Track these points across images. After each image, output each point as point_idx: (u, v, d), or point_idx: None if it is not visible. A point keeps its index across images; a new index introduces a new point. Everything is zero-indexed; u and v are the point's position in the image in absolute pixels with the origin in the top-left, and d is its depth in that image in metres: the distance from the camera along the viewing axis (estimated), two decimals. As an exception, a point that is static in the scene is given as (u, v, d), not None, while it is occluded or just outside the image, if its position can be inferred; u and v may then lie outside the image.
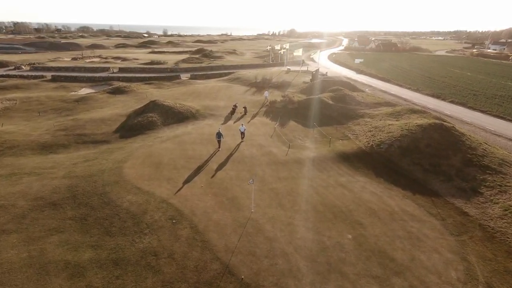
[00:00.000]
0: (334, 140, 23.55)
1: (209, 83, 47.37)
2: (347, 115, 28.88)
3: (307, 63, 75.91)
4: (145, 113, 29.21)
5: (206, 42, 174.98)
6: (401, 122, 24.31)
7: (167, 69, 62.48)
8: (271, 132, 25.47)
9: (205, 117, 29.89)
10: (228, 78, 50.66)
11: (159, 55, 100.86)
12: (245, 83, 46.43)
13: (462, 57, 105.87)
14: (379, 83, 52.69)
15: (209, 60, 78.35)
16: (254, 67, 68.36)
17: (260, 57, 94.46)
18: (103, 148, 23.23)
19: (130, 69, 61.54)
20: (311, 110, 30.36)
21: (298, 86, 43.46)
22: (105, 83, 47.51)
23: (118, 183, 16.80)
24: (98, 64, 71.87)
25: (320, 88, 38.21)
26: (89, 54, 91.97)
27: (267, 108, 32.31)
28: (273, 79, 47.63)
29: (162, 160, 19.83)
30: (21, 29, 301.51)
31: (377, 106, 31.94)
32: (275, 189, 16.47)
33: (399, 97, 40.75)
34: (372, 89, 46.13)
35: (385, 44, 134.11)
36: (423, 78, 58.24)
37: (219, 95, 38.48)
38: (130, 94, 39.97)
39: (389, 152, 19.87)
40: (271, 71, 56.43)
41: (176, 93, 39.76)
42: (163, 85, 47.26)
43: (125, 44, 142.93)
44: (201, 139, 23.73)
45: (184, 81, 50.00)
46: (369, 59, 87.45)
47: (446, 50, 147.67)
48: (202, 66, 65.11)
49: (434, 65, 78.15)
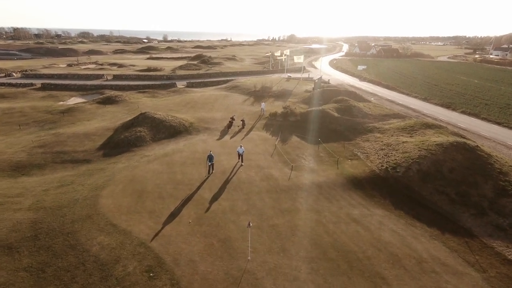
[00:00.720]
0: (342, 160, 20.98)
1: (206, 92, 44.99)
2: (355, 129, 26.35)
3: (308, 70, 73.76)
4: (134, 127, 26.70)
5: (205, 48, 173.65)
6: (416, 139, 21.77)
7: (163, 76, 60.22)
8: (272, 150, 22.92)
9: (199, 131, 27.37)
10: (226, 86, 48.31)
11: (157, 61, 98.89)
12: (244, 91, 44.04)
13: (465, 63, 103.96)
14: (384, 91, 50.32)
15: (207, 66, 76.22)
16: (253, 74, 66.12)
17: (260, 63, 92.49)
18: (83, 169, 20.63)
19: (125, 76, 59.27)
20: (314, 124, 27.86)
21: (300, 95, 41.06)
22: (96, 92, 45.11)
23: (91, 218, 14.17)
24: (93, 71, 69.66)
25: (324, 98, 35.78)
26: (85, 60, 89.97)
27: (267, 121, 29.80)
28: (273, 88, 45.27)
29: (146, 187, 17.23)
30: (21, 34, 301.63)
31: (386, 118, 29.46)
32: (276, 227, 13.84)
33: (407, 107, 38.30)
34: (378, 98, 43.73)
35: (386, 50, 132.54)
36: (430, 86, 55.94)
37: (216, 106, 36.03)
38: (121, 104, 37.52)
39: (407, 177, 17.28)
40: (271, 79, 54.12)
41: (170, 103, 37.31)
42: (158, 94, 44.87)
43: (123, 50, 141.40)
44: (193, 158, 21.16)
45: (180, 89, 47.64)
46: (371, 65, 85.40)
47: (448, 56, 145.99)
48: (200, 73, 62.89)
49: (438, 72, 76.02)
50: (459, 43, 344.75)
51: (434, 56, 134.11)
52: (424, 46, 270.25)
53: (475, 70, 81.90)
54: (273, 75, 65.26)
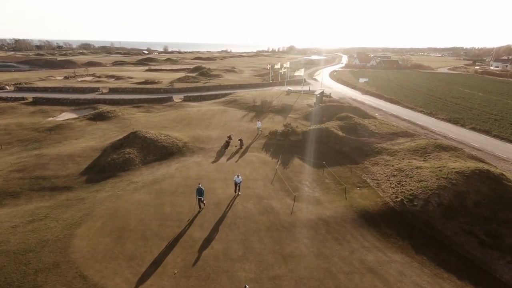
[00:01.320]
0: (351, 188, 18.87)
1: (203, 107, 43.26)
2: (362, 150, 24.35)
3: (308, 82, 72.49)
4: (123, 148, 24.70)
5: (205, 59, 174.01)
6: (431, 164, 19.74)
7: (160, 89, 58.76)
8: (272, 175, 20.84)
9: (193, 152, 25.35)
10: (224, 101, 46.63)
11: (155, 73, 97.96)
12: (243, 106, 42.31)
13: (467, 75, 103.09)
14: (388, 105, 48.64)
15: (206, 79, 74.99)
16: (253, 87, 64.72)
17: (260, 75, 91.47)
18: (61, 198, 18.49)
19: (121, 89, 57.77)
20: (318, 144, 25.89)
21: (301, 110, 39.30)
22: (89, 107, 43.36)
23: (58, 267, 11.97)
24: (89, 83, 68.31)
25: (326, 114, 33.97)
26: (83, 73, 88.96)
27: (267, 140, 27.83)
28: (273, 102, 43.56)
29: (129, 223, 15.07)
30: (22, 46, 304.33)
31: (394, 137, 27.53)
32: (278, 279, 11.62)
33: (414, 124, 36.44)
34: (383, 113, 41.96)
35: (386, 61, 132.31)
36: (434, 99, 54.37)
37: (213, 122, 34.15)
38: (113, 120, 35.65)
39: (427, 212, 15.15)
40: (270, 92, 52.58)
41: (165, 120, 35.44)
42: (153, 108, 43.12)
43: (122, 61, 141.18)
44: (184, 186, 19.06)
45: (176, 104, 45.92)
46: (372, 77, 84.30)
47: (448, 67, 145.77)
48: (198, 86, 61.47)
49: (441, 84, 74.75)
50: (457, 54, 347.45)
51: (434, 68, 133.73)
52: (423, 57, 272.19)
53: (477, 83, 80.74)
54: (272, 88, 63.87)
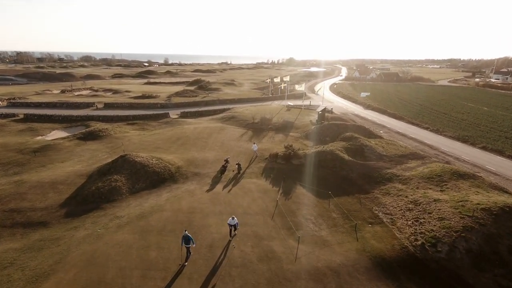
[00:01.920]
0: (362, 225, 16.74)
1: (200, 124, 41.50)
2: (370, 177, 22.32)
3: (309, 96, 71.15)
4: (110, 174, 22.67)
5: (204, 72, 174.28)
6: (450, 196, 17.69)
7: (157, 104, 57.22)
8: (272, 207, 18.75)
9: (186, 178, 23.31)
10: (222, 117, 44.92)
11: (154, 87, 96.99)
12: (241, 123, 40.55)
13: (468, 88, 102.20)
14: (391, 121, 46.93)
15: (205, 93, 73.77)
16: (252, 102, 63.33)
17: (259, 88, 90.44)
18: (34, 238, 16.32)
19: (116, 104, 56.22)
20: (322, 169, 23.89)
21: (303, 128, 37.51)
22: (81, 124, 41.57)
23: None
24: (85, 98, 66.95)
25: (330, 133, 32.13)
26: (80, 86, 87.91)
27: (267, 164, 25.83)
28: (273, 119, 41.82)
29: (106, 274, 12.87)
30: (23, 58, 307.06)
31: (403, 160, 25.58)
32: None
33: (422, 143, 34.55)
34: (387, 130, 40.17)
35: (386, 74, 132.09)
36: (438, 114, 52.76)
37: (209, 142, 32.25)
38: (105, 140, 33.74)
39: (454, 261, 12.99)
40: (270, 108, 50.98)
41: (159, 139, 33.55)
42: (148, 126, 41.33)
43: (121, 74, 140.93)
44: (174, 221, 16.94)
45: (172, 120, 44.19)
46: (374, 91, 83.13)
47: (448, 79, 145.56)
48: (196, 100, 60.00)
49: (443, 98, 73.46)
50: (455, 66, 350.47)
51: (434, 80, 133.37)
52: (422, 69, 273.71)
53: (480, 96, 79.55)
54: (272, 102, 62.41)
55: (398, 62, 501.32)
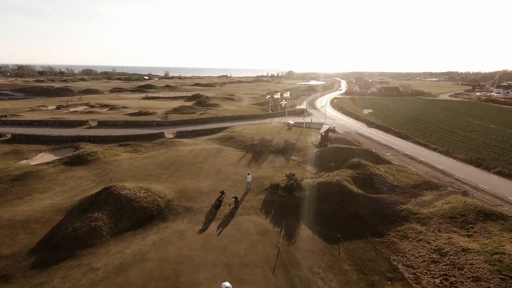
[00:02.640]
0: (380, 283, 14.15)
1: (196, 145, 39.30)
2: (384, 215, 19.84)
3: (310, 113, 69.40)
4: (91, 211, 20.19)
5: (204, 86, 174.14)
6: (481, 244, 15.20)
7: (152, 122, 55.25)
8: (273, 255, 16.19)
9: (177, 215, 20.81)
10: (220, 137, 42.76)
11: (152, 102, 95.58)
12: (240, 145, 38.33)
13: (470, 103, 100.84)
14: (397, 141, 44.76)
15: (203, 109, 72.09)
16: (251, 119, 61.44)
17: (259, 103, 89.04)
18: (-11, 299, 13.73)
19: (111, 122, 54.21)
20: (328, 203, 21.43)
21: (305, 151, 35.26)
22: (71, 145, 39.34)
23: None
24: (80, 115, 65.15)
25: (335, 158, 29.82)
26: (76, 102, 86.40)
27: (267, 196, 23.38)
28: (274, 140, 39.68)
29: None
30: (25, 72, 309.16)
31: (417, 191, 23.18)
32: None
33: (433, 167, 32.19)
34: (395, 153, 37.91)
35: (387, 88, 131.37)
36: (445, 133, 50.66)
37: (205, 168, 29.88)
38: (92, 165, 31.38)
39: None
40: (270, 127, 48.93)
41: (151, 164, 31.21)
42: (141, 147, 39.08)
43: (120, 88, 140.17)
44: (159, 276, 14.36)
45: (167, 141, 41.99)
46: (376, 107, 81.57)
47: (449, 93, 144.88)
48: (194, 118, 58.08)
49: (447, 114, 71.69)
50: (454, 79, 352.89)
51: (435, 94, 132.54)
52: (421, 82, 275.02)
53: (484, 112, 77.87)
54: (272, 120, 60.51)
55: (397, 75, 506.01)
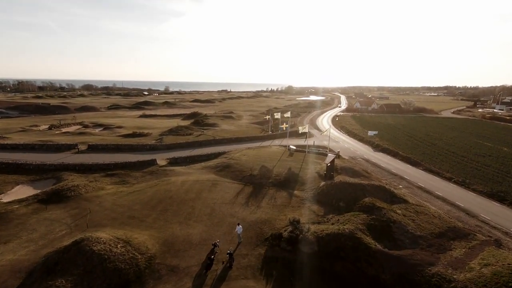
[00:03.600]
0: None
1: (190, 174, 35.98)
2: (410, 281, 16.26)
3: (312, 134, 66.47)
4: (54, 276, 16.61)
5: (203, 102, 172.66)
6: None
7: (146, 146, 52.10)
8: None
9: (159, 279, 17.19)
10: (216, 165, 39.46)
11: (149, 120, 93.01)
12: (238, 175, 34.99)
13: (475, 121, 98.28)
14: (407, 169, 41.50)
15: (200, 129, 69.22)
16: (250, 141, 58.46)
17: (258, 122, 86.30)
18: None
19: (101, 146, 51.07)
20: (341, 262, 17.87)
21: (309, 183, 31.88)
22: (52, 176, 35.99)
23: None
24: (70, 136, 62.18)
25: (344, 197, 26.41)
26: (70, 121, 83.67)
27: (267, 251, 19.81)
28: (274, 169, 36.41)
29: None
30: (25, 87, 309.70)
31: (444, 242, 19.67)
32: None
33: (454, 205, 28.74)
34: (407, 184, 34.56)
35: (388, 105, 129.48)
36: (457, 158, 47.48)
37: (197, 207, 26.42)
38: (71, 203, 27.90)
39: None
40: (270, 153, 45.74)
41: (137, 202, 27.75)
42: (129, 177, 35.72)
43: (118, 105, 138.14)
44: None
45: (159, 170, 38.66)
46: (379, 126, 78.87)
47: (451, 109, 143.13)
48: (189, 141, 54.98)
49: (455, 135, 68.81)
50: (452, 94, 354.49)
51: (437, 111, 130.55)
52: (420, 97, 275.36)
53: (492, 132, 75.10)
54: (272, 142, 57.46)
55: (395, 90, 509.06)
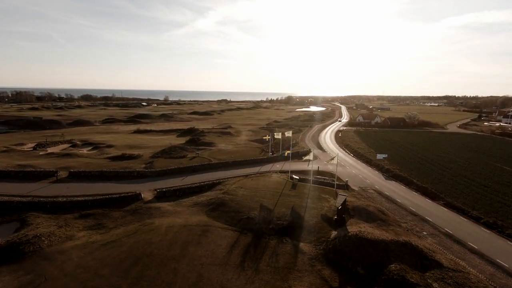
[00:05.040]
0: None
1: (177, 216, 30.99)
2: None
3: (316, 156, 61.60)
4: None
5: (201, 114, 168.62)
6: None
7: (133, 172, 47.19)
8: None
9: None
10: (209, 201, 34.46)
11: (142, 137, 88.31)
12: (233, 218, 29.96)
13: (484, 137, 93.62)
14: (426, 204, 36.59)
15: (195, 150, 64.37)
16: (249, 165, 53.62)
17: (258, 140, 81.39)
18: None
19: (84, 174, 46.10)
20: None
21: (317, 232, 26.85)
22: (17, 218, 30.94)
23: None
24: (55, 158, 57.35)
25: (362, 258, 21.36)
26: (58, 138, 78.89)
27: None
28: (276, 209, 31.44)
29: None
30: (23, 97, 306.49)
31: None
32: None
33: (494, 264, 23.61)
34: (431, 229, 29.48)
35: (392, 119, 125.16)
36: (478, 188, 42.49)
37: (180, 271, 21.32)
38: (25, 264, 22.74)
39: None
40: (271, 184, 40.79)
41: (108, 261, 22.66)
42: (107, 220, 30.68)
43: (113, 118, 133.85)
44: None
45: (143, 207, 33.63)
46: (386, 144, 74.15)
47: (456, 123, 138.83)
48: (181, 167, 49.96)
49: (469, 156, 63.98)
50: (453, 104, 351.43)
51: (442, 125, 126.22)
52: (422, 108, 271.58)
53: (507, 151, 70.43)
54: (273, 166, 52.52)
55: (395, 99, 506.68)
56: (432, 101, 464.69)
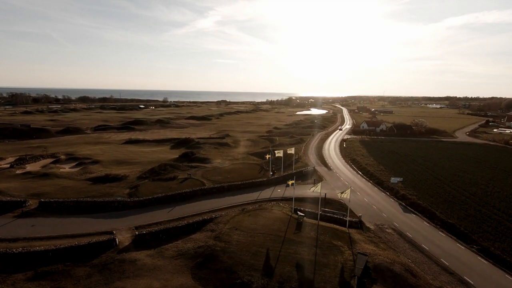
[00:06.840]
0: None
1: (155, 276, 24.91)
2: None
3: (320, 176, 55.47)
4: None
5: (199, 120, 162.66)
6: None
7: (114, 202, 41.11)
8: None
9: None
10: (196, 252, 28.35)
11: (132, 150, 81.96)
12: (224, 285, 23.85)
13: (501, 150, 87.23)
14: (459, 253, 30.54)
15: (188, 168, 58.33)
16: (247, 189, 47.69)
17: (257, 153, 75.20)
18: None
19: (56, 204, 40.05)
20: None
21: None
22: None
23: None
24: (28, 181, 51.20)
25: None
26: (41, 152, 72.75)
27: None
28: (277, 268, 25.33)
29: None
30: (18, 99, 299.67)
31: None
32: None
33: None
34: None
35: (399, 127, 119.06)
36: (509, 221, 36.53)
37: None
38: None
39: None
40: (271, 222, 34.66)
41: None
42: (67, 282, 24.60)
43: (106, 125, 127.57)
44: None
45: (114, 260, 27.51)
46: (395, 157, 67.80)
47: (465, 129, 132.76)
48: (170, 193, 43.80)
49: (490, 176, 57.82)
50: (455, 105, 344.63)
51: (450, 132, 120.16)
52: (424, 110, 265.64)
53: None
54: (274, 190, 46.27)
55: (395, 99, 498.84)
56: (433, 103, 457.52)
